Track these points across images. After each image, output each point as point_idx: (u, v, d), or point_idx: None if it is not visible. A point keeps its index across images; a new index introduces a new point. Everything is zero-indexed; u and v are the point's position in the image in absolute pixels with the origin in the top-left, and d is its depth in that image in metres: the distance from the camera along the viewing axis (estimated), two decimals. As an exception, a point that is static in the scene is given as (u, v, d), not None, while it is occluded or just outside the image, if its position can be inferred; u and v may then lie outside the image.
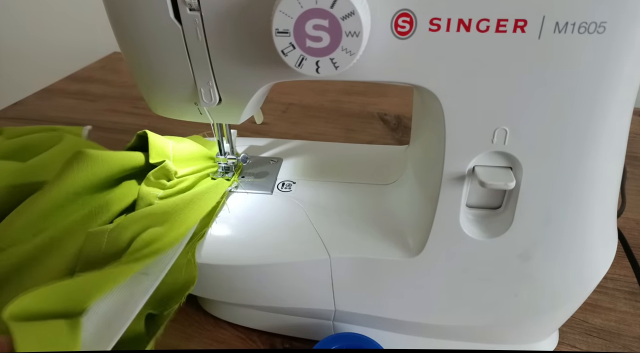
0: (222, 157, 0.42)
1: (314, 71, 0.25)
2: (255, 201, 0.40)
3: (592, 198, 0.30)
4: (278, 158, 0.45)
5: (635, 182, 0.57)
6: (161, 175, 0.39)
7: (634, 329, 0.40)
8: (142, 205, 0.37)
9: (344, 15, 0.23)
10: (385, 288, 0.35)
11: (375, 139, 0.67)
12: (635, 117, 0.60)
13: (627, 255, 0.40)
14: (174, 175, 0.40)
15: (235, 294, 0.38)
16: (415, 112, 0.38)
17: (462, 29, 0.24)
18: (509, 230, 0.31)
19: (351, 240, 0.35)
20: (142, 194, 0.37)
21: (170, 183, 0.39)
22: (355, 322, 0.38)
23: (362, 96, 0.78)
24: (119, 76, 0.88)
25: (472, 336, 0.37)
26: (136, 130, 0.44)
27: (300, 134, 0.68)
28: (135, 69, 0.31)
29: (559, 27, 0.24)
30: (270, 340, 0.40)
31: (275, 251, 0.35)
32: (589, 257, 0.32)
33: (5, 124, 0.71)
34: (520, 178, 0.29)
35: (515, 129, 0.27)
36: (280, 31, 0.24)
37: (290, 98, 0.78)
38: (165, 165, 0.39)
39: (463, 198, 0.30)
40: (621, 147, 0.29)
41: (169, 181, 0.39)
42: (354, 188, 0.40)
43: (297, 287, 0.36)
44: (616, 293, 0.43)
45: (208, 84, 0.30)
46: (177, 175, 0.40)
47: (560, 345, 0.39)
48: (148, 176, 0.38)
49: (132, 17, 0.28)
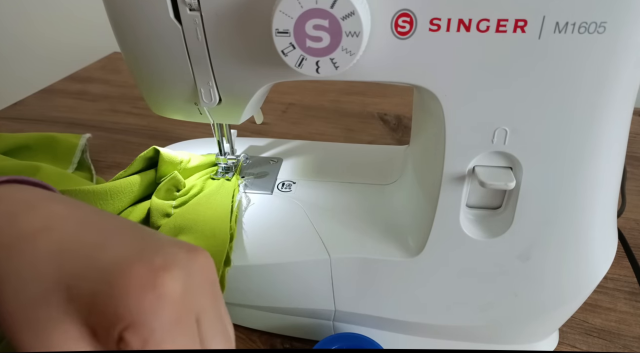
0: (222, 157, 0.42)
1: (314, 71, 0.25)
2: (255, 201, 0.40)
3: (592, 198, 0.30)
4: (278, 158, 0.45)
5: (635, 182, 0.57)
6: (171, 186, 0.40)
7: (634, 329, 0.40)
8: (158, 216, 0.37)
9: (344, 15, 0.23)
10: (385, 288, 0.35)
11: (375, 139, 0.67)
12: (635, 117, 0.60)
13: (627, 255, 0.40)
14: (183, 185, 0.41)
15: (235, 294, 0.38)
16: (415, 112, 0.38)
17: (462, 29, 0.24)
18: (509, 230, 0.31)
19: (351, 240, 0.35)
20: (155, 206, 0.38)
21: (180, 193, 0.40)
22: (355, 322, 0.38)
23: (362, 96, 0.78)
24: (119, 76, 0.88)
25: (472, 336, 0.37)
26: (136, 130, 0.44)
27: (300, 134, 0.68)
28: (135, 69, 0.31)
29: (559, 27, 0.24)
30: (270, 340, 0.40)
31: (275, 251, 0.35)
32: (589, 257, 0.32)
33: (6, 124, 0.71)
34: (520, 178, 0.29)
35: (515, 129, 0.27)
36: (280, 31, 0.24)
37: (290, 98, 0.78)
38: (175, 176, 0.40)
39: (463, 198, 0.30)
40: (621, 147, 0.29)
41: (178, 191, 0.40)
42: (354, 188, 0.40)
43: (297, 287, 0.36)
44: (616, 293, 0.43)
45: (208, 84, 0.30)
46: (185, 186, 0.41)
47: (560, 345, 0.39)
48: (159, 188, 0.39)
49: (132, 17, 0.28)
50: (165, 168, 0.41)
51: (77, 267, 0.18)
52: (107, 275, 0.18)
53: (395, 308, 0.36)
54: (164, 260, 0.18)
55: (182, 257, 0.19)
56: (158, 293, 0.17)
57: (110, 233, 0.20)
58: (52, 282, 0.18)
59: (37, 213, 0.20)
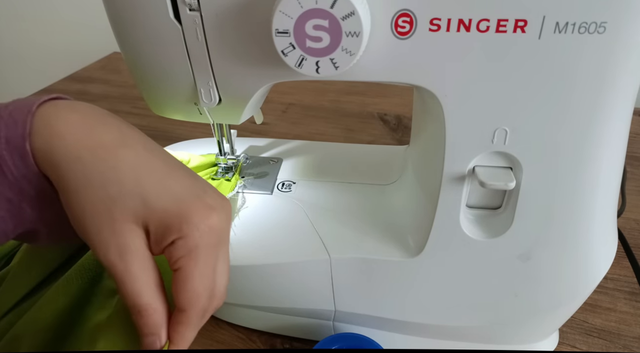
0: (222, 157, 0.42)
1: (314, 71, 0.25)
2: (255, 201, 0.40)
3: (592, 198, 0.30)
4: (278, 158, 0.45)
5: (635, 182, 0.57)
6: None
7: (634, 329, 0.40)
8: None
9: (344, 16, 0.23)
10: (385, 289, 0.35)
11: (375, 139, 0.67)
12: (635, 117, 0.60)
13: (627, 255, 0.40)
14: None
15: (235, 294, 0.38)
16: (415, 112, 0.38)
17: (462, 29, 0.24)
18: (509, 230, 0.31)
19: (351, 240, 0.35)
20: None
21: None
22: (355, 322, 0.38)
23: (362, 96, 0.78)
24: (119, 76, 0.88)
25: (472, 336, 0.37)
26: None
27: (300, 134, 0.68)
28: (135, 69, 0.31)
29: (559, 27, 0.24)
30: (270, 340, 0.40)
31: (275, 251, 0.35)
32: (589, 257, 0.32)
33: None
34: (520, 178, 0.29)
35: (515, 129, 0.27)
36: (280, 31, 0.24)
37: (290, 98, 0.78)
38: None
39: (463, 198, 0.30)
40: (621, 147, 0.29)
41: None
42: (354, 189, 0.40)
43: (297, 287, 0.36)
44: (616, 293, 0.43)
45: (208, 84, 0.30)
46: None
47: (560, 345, 0.39)
48: None
49: (132, 17, 0.28)
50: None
51: (151, 185, 0.23)
52: (177, 200, 0.23)
53: (395, 309, 0.36)
54: (213, 201, 0.25)
55: (223, 202, 0.25)
56: (210, 223, 0.23)
57: (171, 168, 0.25)
58: (130, 189, 0.23)
59: (110, 129, 0.24)
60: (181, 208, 0.23)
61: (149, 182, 0.23)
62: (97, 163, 0.23)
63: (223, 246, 0.25)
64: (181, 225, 0.23)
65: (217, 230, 0.24)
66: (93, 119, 0.24)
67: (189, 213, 0.23)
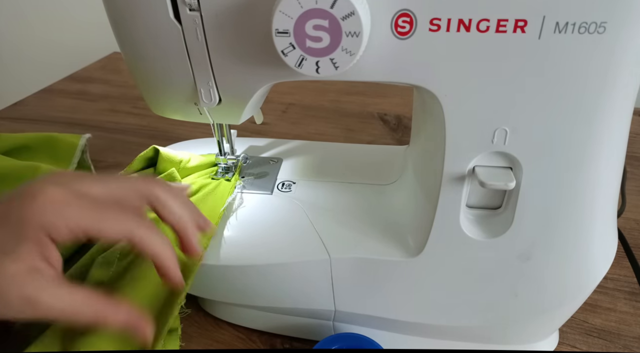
0: (222, 157, 0.42)
1: (314, 71, 0.25)
2: (255, 201, 0.40)
3: (592, 198, 0.30)
4: (278, 158, 0.45)
5: (635, 182, 0.57)
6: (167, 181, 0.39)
7: (634, 329, 0.40)
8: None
9: (344, 16, 0.23)
10: (385, 289, 0.35)
11: (375, 139, 0.67)
12: (635, 117, 0.60)
13: (627, 255, 0.40)
14: (179, 182, 0.40)
15: (235, 294, 0.38)
16: (415, 112, 0.38)
17: (462, 29, 0.24)
18: (509, 230, 0.31)
19: (351, 240, 0.35)
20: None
21: None
22: (355, 322, 0.38)
23: (362, 96, 0.78)
24: (119, 76, 0.88)
25: (472, 336, 0.37)
26: (136, 131, 0.44)
27: (300, 134, 0.68)
28: (135, 69, 0.31)
29: (559, 27, 0.24)
30: (270, 340, 0.40)
31: (275, 251, 0.35)
32: (589, 257, 0.32)
33: (5, 124, 0.71)
34: (520, 178, 0.29)
35: (515, 129, 0.27)
36: (280, 31, 0.24)
37: (290, 98, 0.78)
38: (172, 173, 0.39)
39: (463, 198, 0.30)
40: (621, 147, 0.29)
41: None
42: (354, 189, 0.40)
43: (297, 287, 0.36)
44: (616, 293, 0.43)
45: (208, 84, 0.30)
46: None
47: (560, 345, 0.39)
48: None
49: (132, 17, 0.28)
50: (164, 166, 0.41)
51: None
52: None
53: (395, 308, 0.36)
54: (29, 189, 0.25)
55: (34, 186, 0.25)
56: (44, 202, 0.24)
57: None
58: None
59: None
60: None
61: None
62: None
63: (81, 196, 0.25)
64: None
65: (58, 201, 0.24)
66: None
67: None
